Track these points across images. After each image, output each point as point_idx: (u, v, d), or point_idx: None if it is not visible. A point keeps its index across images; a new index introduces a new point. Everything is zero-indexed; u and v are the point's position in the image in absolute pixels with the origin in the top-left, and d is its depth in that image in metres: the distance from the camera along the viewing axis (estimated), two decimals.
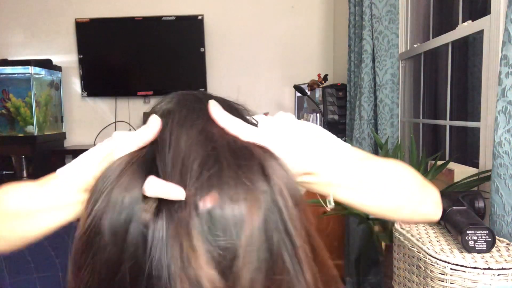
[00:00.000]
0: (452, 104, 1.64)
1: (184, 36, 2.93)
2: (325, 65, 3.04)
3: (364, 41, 1.92)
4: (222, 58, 3.03)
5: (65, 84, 3.08)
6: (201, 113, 0.39)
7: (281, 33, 3.02)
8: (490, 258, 0.83)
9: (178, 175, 0.34)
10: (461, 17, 1.53)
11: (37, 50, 3.04)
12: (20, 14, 3.02)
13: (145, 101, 3.07)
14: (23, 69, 2.70)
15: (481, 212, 1.02)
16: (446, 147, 1.63)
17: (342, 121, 2.34)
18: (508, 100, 0.96)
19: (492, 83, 1.21)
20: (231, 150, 0.35)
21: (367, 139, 1.96)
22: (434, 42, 1.68)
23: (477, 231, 0.84)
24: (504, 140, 0.97)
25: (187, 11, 2.95)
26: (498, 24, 1.18)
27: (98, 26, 2.94)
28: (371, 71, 1.94)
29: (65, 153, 3.01)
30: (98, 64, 3.00)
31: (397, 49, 1.87)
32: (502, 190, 0.97)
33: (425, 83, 1.93)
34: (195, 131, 0.37)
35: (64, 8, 3.01)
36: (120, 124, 3.10)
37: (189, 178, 0.33)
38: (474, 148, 1.54)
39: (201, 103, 0.40)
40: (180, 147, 0.36)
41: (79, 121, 3.12)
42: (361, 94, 1.96)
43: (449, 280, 0.83)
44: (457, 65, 1.72)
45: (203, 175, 0.33)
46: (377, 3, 1.84)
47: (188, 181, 0.33)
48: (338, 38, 2.90)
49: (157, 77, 2.98)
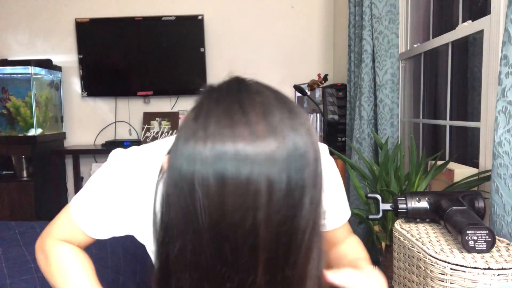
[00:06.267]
0: (452, 104, 1.64)
1: (184, 36, 2.93)
2: (325, 65, 3.04)
3: (364, 41, 1.92)
4: (222, 58, 3.03)
5: (65, 84, 3.08)
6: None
7: (281, 33, 3.02)
8: (490, 258, 0.83)
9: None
10: (461, 17, 1.53)
11: (37, 50, 3.04)
12: (20, 14, 3.02)
13: (145, 101, 3.07)
14: (23, 69, 2.70)
15: (481, 212, 1.02)
16: (446, 147, 1.63)
17: (342, 121, 2.34)
18: (508, 100, 0.96)
19: (492, 83, 1.21)
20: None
21: (367, 139, 1.96)
22: (434, 42, 1.68)
23: (477, 231, 0.84)
24: (504, 140, 0.97)
25: (187, 11, 2.95)
26: (498, 24, 1.18)
27: (98, 26, 2.94)
28: (371, 71, 1.94)
29: (65, 153, 3.01)
30: (98, 64, 3.00)
31: (397, 49, 1.87)
32: (502, 190, 0.97)
33: (425, 83, 1.93)
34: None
35: (64, 8, 3.01)
36: (120, 124, 3.10)
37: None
38: (474, 148, 1.54)
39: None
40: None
41: (79, 121, 3.12)
42: (361, 94, 1.96)
43: (449, 280, 0.83)
44: (457, 65, 1.72)
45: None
46: (377, 3, 1.84)
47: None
48: (338, 38, 2.90)
49: (157, 77, 2.98)
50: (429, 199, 1.05)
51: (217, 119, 0.41)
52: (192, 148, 0.40)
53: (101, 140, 3.06)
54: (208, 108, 0.42)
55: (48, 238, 0.69)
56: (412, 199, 1.06)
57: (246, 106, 0.42)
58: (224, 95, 0.44)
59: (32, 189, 2.68)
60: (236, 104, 0.42)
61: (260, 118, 0.41)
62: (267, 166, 0.40)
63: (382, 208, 1.11)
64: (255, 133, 0.40)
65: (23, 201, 2.67)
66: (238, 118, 0.41)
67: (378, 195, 1.14)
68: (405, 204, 1.05)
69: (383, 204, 1.12)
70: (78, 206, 0.65)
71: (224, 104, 0.42)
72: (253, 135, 0.40)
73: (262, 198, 0.39)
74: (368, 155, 1.94)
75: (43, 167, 2.79)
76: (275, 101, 0.45)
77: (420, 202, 1.05)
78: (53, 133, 2.93)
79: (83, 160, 3.08)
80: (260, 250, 0.41)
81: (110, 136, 3.10)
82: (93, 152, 2.97)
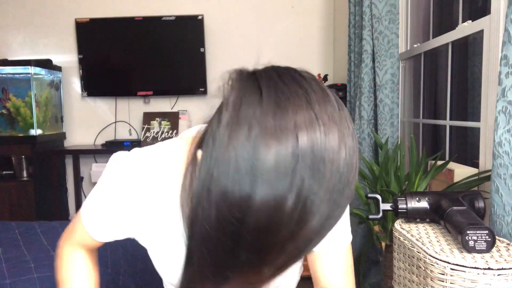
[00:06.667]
0: (452, 104, 1.64)
1: (184, 36, 2.93)
2: (325, 65, 3.04)
3: (364, 41, 1.92)
4: (222, 58, 3.03)
5: (65, 84, 3.08)
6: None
7: (281, 33, 3.02)
8: (490, 258, 0.83)
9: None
10: (461, 17, 1.53)
11: (37, 50, 3.04)
12: (20, 14, 3.02)
13: (145, 101, 3.07)
14: (23, 69, 2.70)
15: (481, 212, 1.02)
16: (446, 147, 1.63)
17: None
18: (508, 100, 0.96)
19: (492, 83, 1.21)
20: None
21: (367, 139, 1.96)
22: (434, 42, 1.68)
23: (477, 231, 0.84)
24: (504, 140, 0.97)
25: (187, 11, 2.95)
26: (498, 24, 1.18)
27: (98, 26, 2.94)
28: (371, 71, 1.93)
29: (65, 153, 3.01)
30: (98, 64, 3.00)
31: (397, 49, 1.87)
32: (502, 190, 0.97)
33: (425, 83, 1.93)
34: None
35: (64, 8, 3.01)
36: (120, 124, 3.10)
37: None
38: (474, 148, 1.54)
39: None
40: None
41: (79, 121, 3.12)
42: (361, 94, 1.96)
43: (449, 280, 0.83)
44: (457, 65, 1.72)
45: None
46: (377, 3, 1.84)
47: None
48: (338, 38, 2.90)
49: (157, 77, 2.98)
50: (429, 199, 1.05)
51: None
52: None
53: (101, 140, 3.05)
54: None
55: (63, 241, 0.73)
56: (412, 199, 1.06)
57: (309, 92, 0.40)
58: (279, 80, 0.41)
59: (32, 189, 2.68)
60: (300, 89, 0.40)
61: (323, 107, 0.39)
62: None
63: (382, 208, 1.11)
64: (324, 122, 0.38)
65: (23, 201, 2.67)
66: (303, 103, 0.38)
67: (378, 195, 1.14)
68: (405, 204, 1.05)
69: (383, 204, 1.12)
70: (85, 210, 0.67)
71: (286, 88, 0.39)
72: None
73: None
74: (368, 155, 1.94)
75: (43, 167, 2.79)
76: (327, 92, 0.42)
77: (420, 202, 1.05)
78: (53, 133, 2.93)
79: (83, 160, 3.08)
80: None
81: (110, 136, 3.10)
82: (93, 152, 2.97)
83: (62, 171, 3.03)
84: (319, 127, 0.37)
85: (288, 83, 0.40)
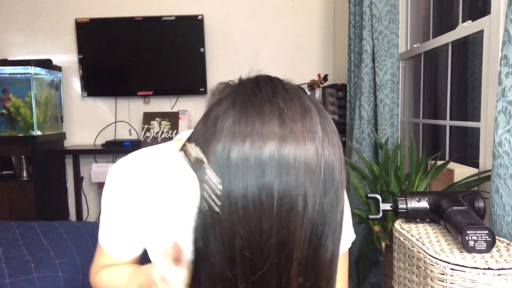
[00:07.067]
0: (452, 104, 1.64)
1: (184, 36, 2.93)
2: (325, 65, 3.04)
3: (364, 41, 1.92)
4: (222, 58, 3.03)
5: (65, 84, 3.08)
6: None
7: (281, 33, 3.02)
8: (490, 258, 0.83)
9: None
10: (461, 17, 1.53)
11: (37, 50, 3.04)
12: (20, 14, 3.02)
13: (145, 101, 3.07)
14: (23, 69, 2.70)
15: (481, 212, 1.02)
16: (446, 147, 1.63)
17: (342, 121, 2.34)
18: (508, 100, 0.96)
19: (492, 83, 1.21)
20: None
21: (367, 139, 1.96)
22: (434, 42, 1.68)
23: (477, 231, 0.84)
24: (504, 140, 0.97)
25: (187, 11, 2.95)
26: (498, 24, 1.18)
27: (98, 26, 2.94)
28: (371, 71, 1.93)
29: (65, 153, 3.01)
30: (98, 64, 3.00)
31: (397, 49, 1.87)
32: (502, 190, 0.97)
33: (425, 83, 1.93)
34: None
35: (64, 8, 3.01)
36: (120, 124, 3.10)
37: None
38: (474, 148, 1.54)
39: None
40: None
41: (79, 121, 3.12)
42: (361, 94, 1.96)
43: (449, 280, 0.83)
44: (457, 65, 1.72)
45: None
46: (377, 3, 1.84)
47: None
48: (338, 38, 2.90)
49: (157, 77, 2.98)
50: (429, 199, 1.05)
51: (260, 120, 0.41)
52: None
53: (101, 140, 3.05)
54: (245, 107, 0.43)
55: (92, 274, 0.72)
56: (412, 199, 1.06)
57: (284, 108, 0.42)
58: (258, 94, 0.44)
59: (32, 189, 2.68)
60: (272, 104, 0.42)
61: (298, 118, 0.41)
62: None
63: (382, 208, 1.11)
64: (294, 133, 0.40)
65: (23, 201, 2.67)
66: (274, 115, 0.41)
67: (378, 195, 1.14)
68: (405, 204, 1.05)
69: (383, 204, 1.12)
70: (100, 233, 0.68)
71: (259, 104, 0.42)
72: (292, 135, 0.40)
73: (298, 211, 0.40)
74: (368, 155, 1.94)
75: (43, 167, 2.79)
76: (310, 103, 0.44)
77: (420, 202, 1.05)
78: (53, 133, 2.93)
79: (83, 160, 3.08)
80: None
81: (110, 136, 3.10)
82: (93, 152, 2.97)
83: (62, 171, 3.03)
84: (285, 140, 0.40)
85: (263, 98, 0.43)
